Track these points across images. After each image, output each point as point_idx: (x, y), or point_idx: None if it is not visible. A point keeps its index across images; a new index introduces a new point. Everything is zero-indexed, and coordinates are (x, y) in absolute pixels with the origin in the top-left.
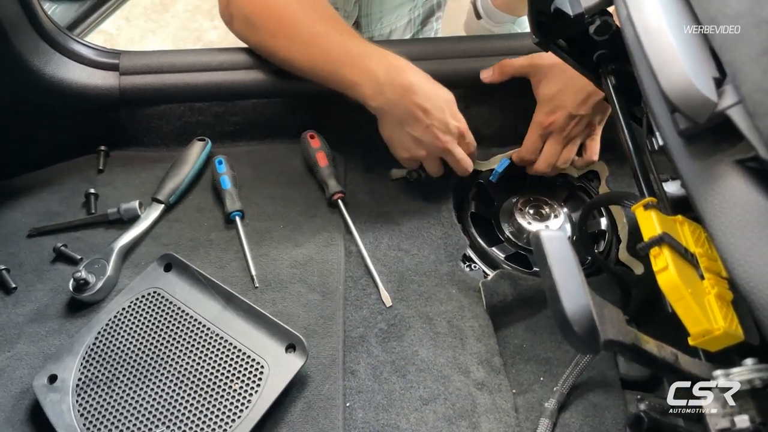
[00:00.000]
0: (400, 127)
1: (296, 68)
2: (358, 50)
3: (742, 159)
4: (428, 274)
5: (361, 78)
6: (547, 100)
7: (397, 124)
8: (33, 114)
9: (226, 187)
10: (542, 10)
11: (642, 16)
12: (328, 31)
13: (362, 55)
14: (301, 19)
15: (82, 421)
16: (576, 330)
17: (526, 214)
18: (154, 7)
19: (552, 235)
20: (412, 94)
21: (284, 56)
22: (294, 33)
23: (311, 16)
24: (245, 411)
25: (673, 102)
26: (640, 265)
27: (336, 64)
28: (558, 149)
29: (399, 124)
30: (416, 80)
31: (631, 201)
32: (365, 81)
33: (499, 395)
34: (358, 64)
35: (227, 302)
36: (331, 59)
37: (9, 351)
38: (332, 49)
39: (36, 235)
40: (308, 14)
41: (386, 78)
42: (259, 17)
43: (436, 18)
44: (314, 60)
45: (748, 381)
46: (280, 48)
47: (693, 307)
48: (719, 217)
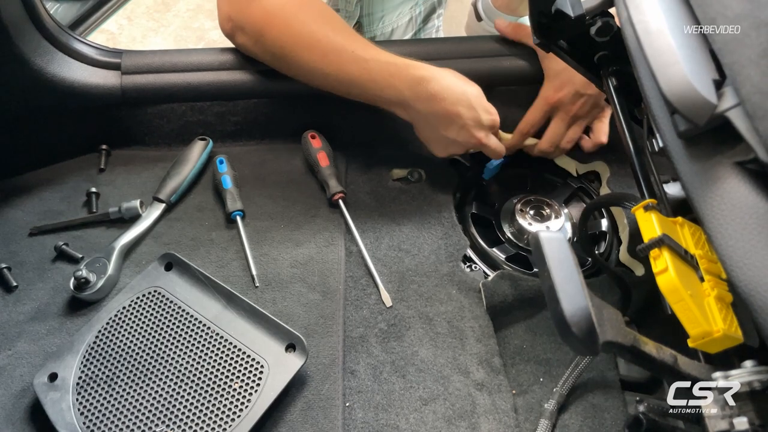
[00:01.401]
0: (435, 131)
1: (314, 82)
2: (377, 66)
3: (742, 161)
4: (429, 274)
5: (384, 93)
6: (554, 74)
7: (433, 129)
8: (35, 113)
9: (227, 186)
10: (543, 11)
11: (642, 18)
12: (344, 45)
13: (382, 72)
14: (316, 32)
15: (82, 419)
16: (574, 332)
17: (527, 214)
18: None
19: (551, 236)
20: (440, 101)
21: (299, 69)
22: (311, 47)
23: (325, 28)
24: (245, 410)
25: (672, 104)
26: (641, 267)
27: (358, 81)
28: (563, 128)
29: (434, 129)
30: (440, 87)
31: (631, 202)
32: (390, 96)
33: (498, 396)
34: (379, 81)
35: (228, 302)
36: (353, 77)
37: (9, 349)
38: (350, 68)
39: (37, 233)
40: (321, 26)
41: (410, 93)
42: (272, 30)
43: (438, 15)
44: (334, 77)
45: (747, 383)
46: (293, 61)
47: (692, 309)
48: (718, 220)
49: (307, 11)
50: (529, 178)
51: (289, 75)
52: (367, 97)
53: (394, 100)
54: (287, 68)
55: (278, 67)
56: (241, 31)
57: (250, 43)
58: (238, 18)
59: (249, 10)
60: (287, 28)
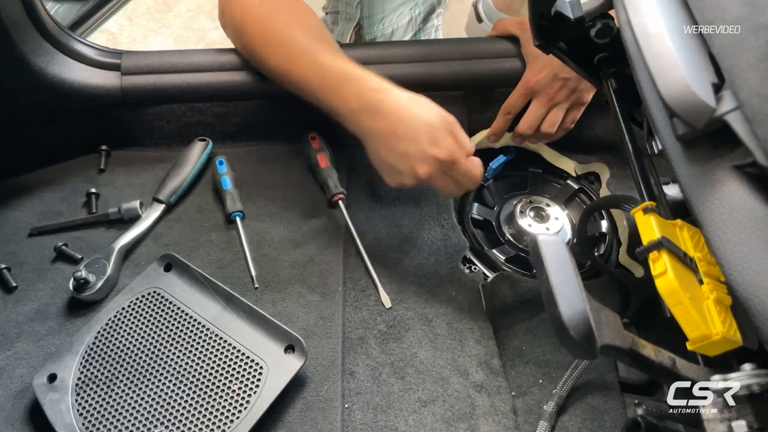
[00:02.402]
0: (377, 153)
1: (281, 83)
2: (332, 72)
3: (740, 164)
4: (428, 275)
5: (333, 101)
6: (533, 59)
7: (377, 152)
8: (34, 113)
9: (226, 187)
10: (543, 13)
11: (641, 21)
12: (308, 48)
13: (335, 78)
14: (285, 33)
15: (81, 420)
16: (572, 335)
17: (527, 216)
18: (157, 6)
19: (549, 239)
20: (384, 118)
21: (267, 69)
22: (279, 48)
23: (296, 31)
24: (244, 411)
25: (671, 107)
26: (641, 269)
27: (314, 87)
28: (541, 111)
29: (378, 153)
30: (390, 104)
31: (630, 205)
32: (338, 105)
33: (498, 397)
34: (331, 87)
35: (227, 303)
36: (311, 82)
37: (9, 350)
38: (308, 73)
39: (37, 234)
40: (293, 28)
41: (358, 105)
42: (248, 28)
43: (437, 15)
44: (294, 80)
45: (746, 386)
46: (265, 59)
47: (691, 312)
48: (717, 223)
49: (284, 12)
50: (529, 180)
51: (265, 71)
52: (321, 104)
53: (342, 109)
54: (260, 67)
55: (254, 65)
56: (226, 27)
57: (233, 39)
58: (223, 13)
59: (231, 6)
60: (260, 27)
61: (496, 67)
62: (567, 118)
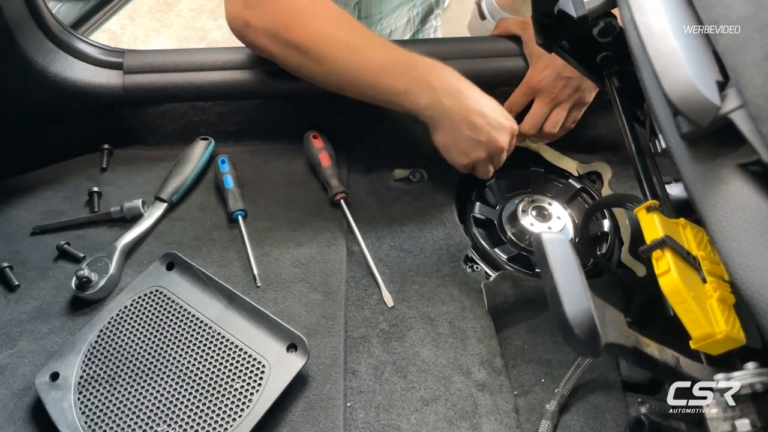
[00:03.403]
0: (458, 132)
1: (332, 81)
2: (406, 59)
3: (745, 163)
4: (430, 274)
5: (413, 86)
6: (536, 57)
7: (456, 129)
8: (37, 112)
9: (228, 186)
10: (546, 12)
11: (645, 19)
12: (369, 42)
13: (411, 65)
14: (339, 31)
15: (84, 418)
16: (577, 333)
17: (529, 215)
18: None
19: (553, 237)
20: (467, 99)
21: (318, 69)
22: (335, 44)
23: (349, 29)
24: (246, 410)
25: (675, 105)
26: (643, 268)
27: (385, 74)
28: (545, 111)
29: (458, 130)
30: (465, 86)
31: (633, 203)
32: (418, 89)
33: (500, 396)
34: (409, 72)
35: (229, 301)
36: (379, 69)
37: (11, 348)
38: (377, 59)
39: (39, 233)
40: (344, 27)
41: (440, 85)
42: (295, 28)
43: (435, 16)
44: (358, 70)
45: (749, 385)
46: (315, 61)
47: (695, 311)
48: (721, 221)
49: (328, 11)
50: (531, 179)
51: (306, 73)
52: (392, 89)
53: (422, 92)
54: (307, 69)
55: (296, 63)
56: (259, 27)
57: (268, 39)
58: (257, 10)
59: (268, 10)
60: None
61: (498, 66)
62: (568, 118)
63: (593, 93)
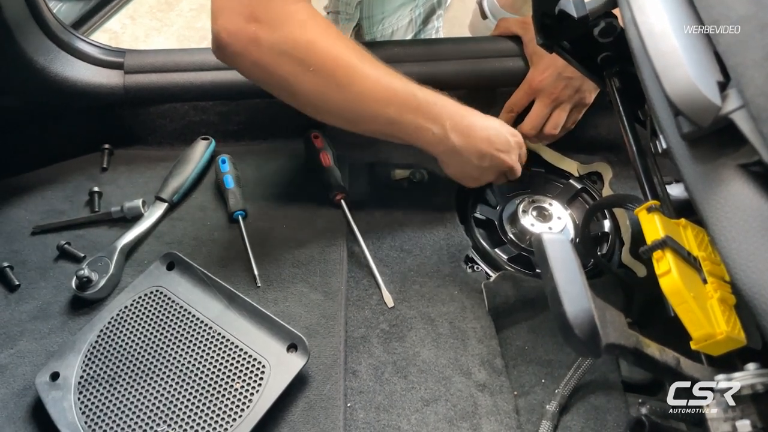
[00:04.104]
0: (468, 164)
1: (347, 110)
2: (423, 96)
3: (746, 163)
4: (430, 275)
5: (428, 124)
6: (537, 58)
7: (466, 163)
8: (37, 112)
9: (229, 186)
10: (547, 12)
11: (646, 19)
12: (388, 76)
13: (428, 102)
14: (357, 62)
15: (84, 418)
16: (577, 334)
17: (529, 215)
18: (159, 5)
19: (554, 238)
20: (473, 130)
21: (337, 95)
22: (353, 75)
23: (366, 62)
24: (246, 410)
25: (676, 105)
26: (643, 268)
27: (402, 108)
28: (545, 111)
29: (467, 162)
30: (469, 116)
31: (634, 204)
32: (432, 126)
33: (500, 397)
34: (424, 109)
35: (229, 301)
36: (396, 104)
37: (12, 348)
38: (398, 94)
39: (40, 232)
40: (362, 59)
41: (451, 123)
42: (315, 48)
43: (437, 16)
44: (376, 104)
45: (750, 386)
46: (336, 85)
47: (695, 311)
48: (722, 222)
49: (337, 38)
50: (532, 179)
51: (314, 100)
52: (408, 125)
53: (434, 129)
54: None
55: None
56: (270, 48)
57: (276, 61)
58: (269, 33)
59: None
60: (331, 53)
61: (498, 67)
62: (569, 119)
63: (594, 94)
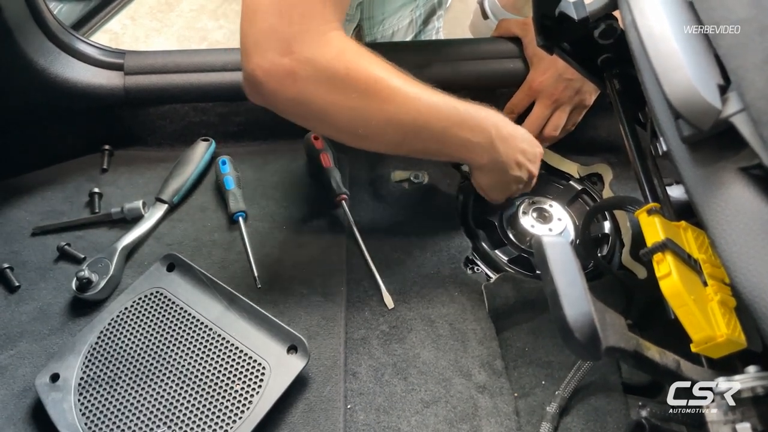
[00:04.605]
0: (506, 174)
1: (384, 134)
2: (464, 108)
3: (746, 166)
4: (430, 276)
5: (475, 136)
6: (538, 59)
7: (504, 173)
8: (37, 113)
9: (229, 187)
10: (547, 13)
11: (646, 22)
12: (428, 93)
13: (470, 114)
14: (397, 82)
15: (84, 420)
16: (577, 337)
17: (529, 216)
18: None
19: (554, 240)
20: (514, 141)
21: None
22: (395, 96)
23: (405, 81)
24: (246, 412)
25: (676, 108)
26: (643, 270)
27: (447, 123)
28: (546, 113)
29: (505, 173)
30: (508, 127)
31: (634, 206)
32: (480, 139)
33: (500, 398)
34: (468, 121)
35: (229, 303)
36: (442, 118)
37: (12, 349)
38: (441, 110)
39: (40, 233)
40: (401, 79)
41: (496, 133)
42: (354, 81)
43: (438, 17)
44: (421, 120)
45: (750, 388)
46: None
47: (695, 314)
48: (722, 224)
49: (372, 58)
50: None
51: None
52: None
53: (482, 141)
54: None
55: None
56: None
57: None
58: (307, 57)
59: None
60: (367, 72)
61: (498, 68)
62: (568, 121)
63: (594, 95)
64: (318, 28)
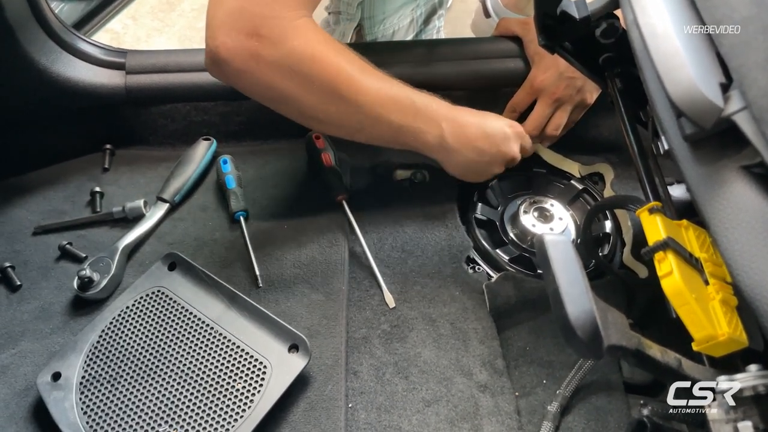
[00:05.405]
0: (469, 162)
1: (343, 121)
2: (420, 100)
3: (748, 165)
4: (432, 275)
5: (426, 127)
6: (539, 58)
7: (466, 161)
8: (39, 112)
9: (230, 186)
10: (549, 12)
11: (648, 21)
12: (388, 85)
13: (425, 106)
14: (359, 74)
15: (85, 419)
16: (579, 335)
17: (530, 216)
18: (161, 6)
19: (556, 239)
20: (467, 128)
21: (340, 107)
22: (356, 87)
23: (367, 73)
24: (247, 411)
25: (678, 107)
26: (645, 269)
27: (402, 115)
28: (547, 111)
29: (468, 161)
30: (461, 115)
31: (636, 205)
32: (431, 130)
33: (501, 398)
34: (422, 114)
35: (231, 302)
36: (397, 111)
37: (13, 348)
38: (397, 102)
39: (41, 232)
40: (363, 71)
41: (446, 125)
42: (320, 62)
43: (438, 16)
44: (378, 113)
45: (751, 387)
46: (339, 97)
47: (697, 313)
48: (724, 223)
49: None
50: (533, 180)
51: (317, 114)
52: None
53: (433, 133)
54: (330, 104)
55: (311, 104)
56: (271, 62)
57: (280, 75)
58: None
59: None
60: (330, 63)
61: (500, 67)
62: (569, 120)
63: (595, 94)
64: (287, 14)
